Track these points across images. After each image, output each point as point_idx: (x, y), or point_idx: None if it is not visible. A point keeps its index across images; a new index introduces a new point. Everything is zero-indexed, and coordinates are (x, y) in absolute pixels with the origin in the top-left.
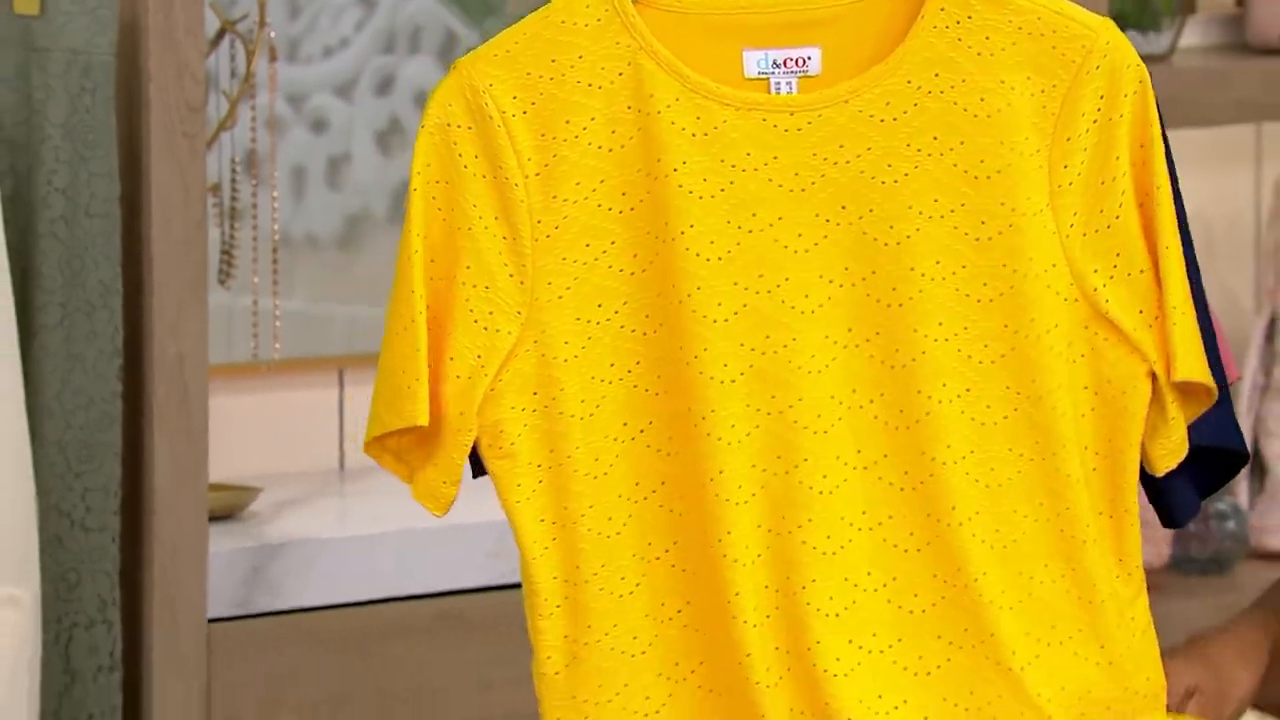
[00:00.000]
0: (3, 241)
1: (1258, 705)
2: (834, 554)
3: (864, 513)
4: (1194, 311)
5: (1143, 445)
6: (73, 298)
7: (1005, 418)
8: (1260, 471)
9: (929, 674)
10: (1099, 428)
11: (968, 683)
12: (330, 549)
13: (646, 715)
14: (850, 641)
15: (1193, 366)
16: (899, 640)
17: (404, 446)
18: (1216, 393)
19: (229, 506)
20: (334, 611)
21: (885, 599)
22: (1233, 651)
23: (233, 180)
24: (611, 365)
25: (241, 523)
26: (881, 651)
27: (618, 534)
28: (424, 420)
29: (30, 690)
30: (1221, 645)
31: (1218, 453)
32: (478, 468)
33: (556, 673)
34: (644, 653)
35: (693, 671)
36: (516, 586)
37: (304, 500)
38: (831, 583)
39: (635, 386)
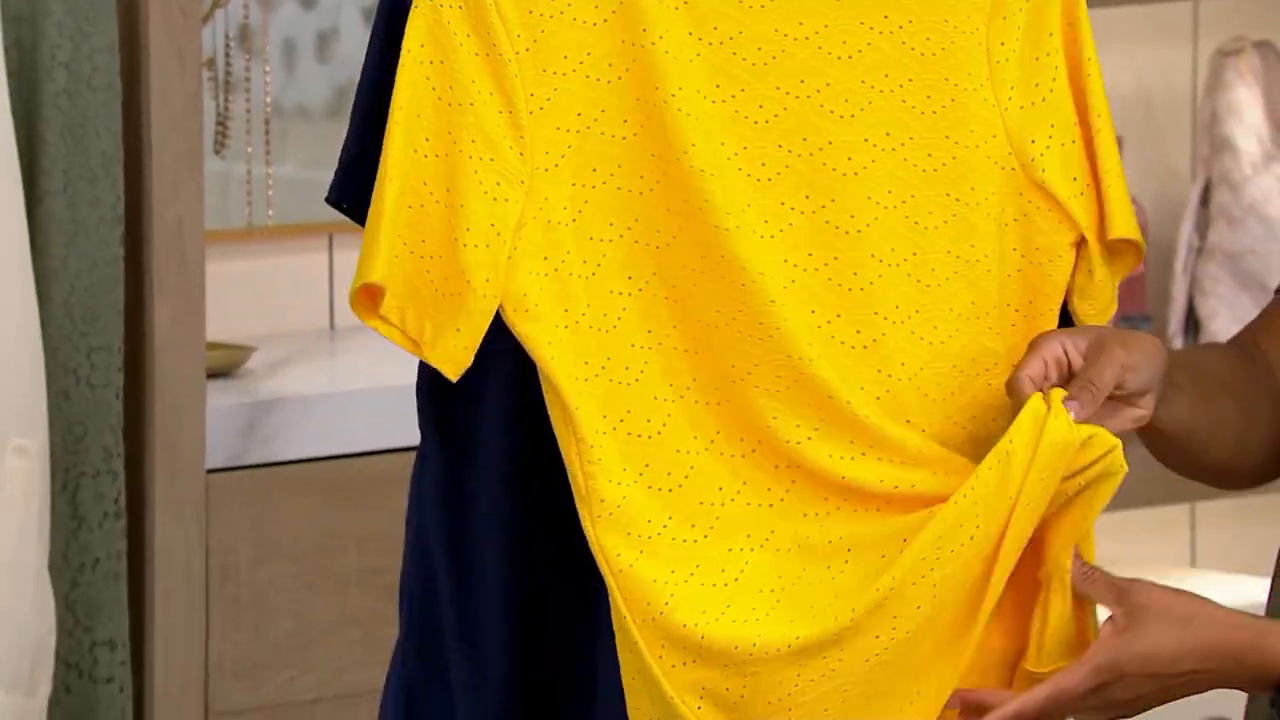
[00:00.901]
0: (9, 113)
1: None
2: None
3: (813, 311)
4: (1124, 177)
5: (1073, 306)
6: (75, 166)
7: (947, 280)
8: (1194, 328)
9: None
10: (1023, 289)
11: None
12: (321, 404)
13: (694, 542)
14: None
15: (1127, 225)
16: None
17: (423, 313)
18: (1144, 250)
19: (225, 364)
20: (325, 463)
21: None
22: (1145, 339)
23: (227, 54)
24: (611, 224)
25: (237, 380)
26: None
27: (637, 380)
28: (377, 278)
29: (40, 534)
30: (1129, 334)
31: None
32: None
33: (611, 514)
34: (681, 485)
35: (738, 492)
36: None
37: (296, 358)
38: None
39: (636, 242)
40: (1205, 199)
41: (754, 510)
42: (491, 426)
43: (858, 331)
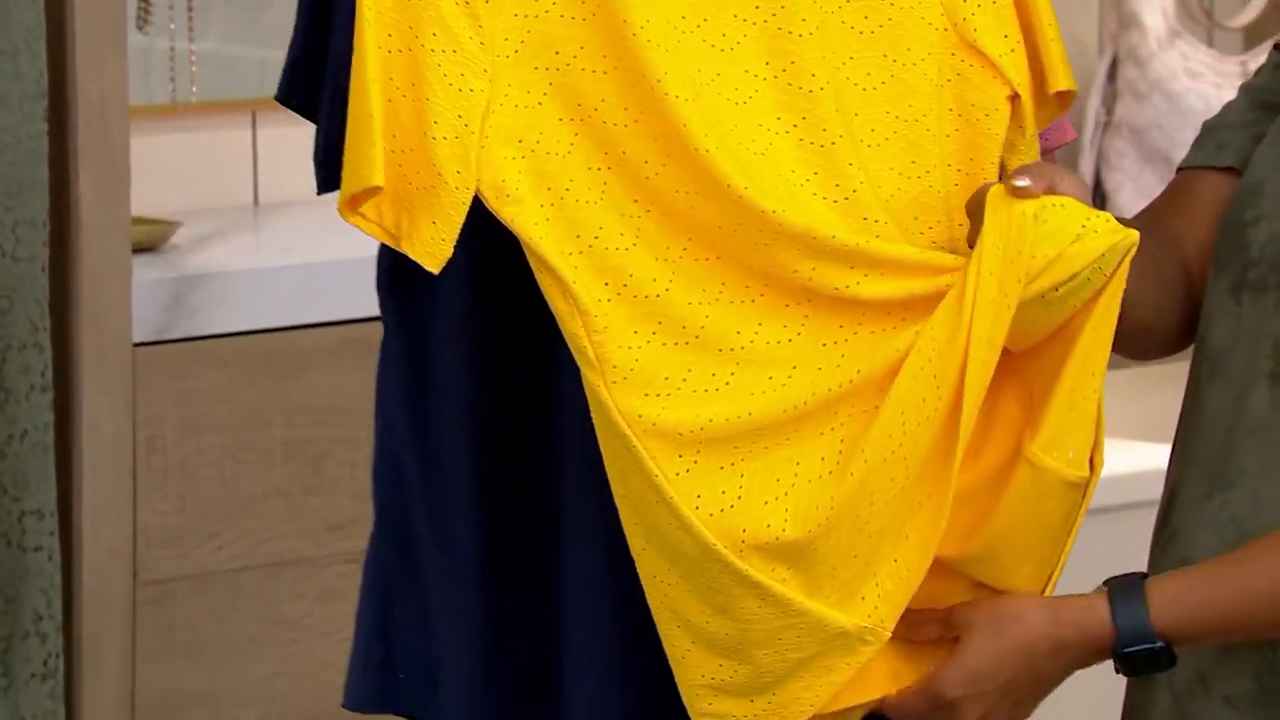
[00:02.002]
0: None
1: None
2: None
3: (794, 170)
4: (1059, 28)
5: (1001, 163)
6: None
7: (887, 140)
8: (1101, 201)
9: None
10: (962, 148)
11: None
12: (247, 279)
13: (717, 390)
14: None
15: (1067, 77)
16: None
17: (399, 207)
18: (1071, 100)
19: (151, 239)
20: (250, 337)
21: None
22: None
23: None
24: (578, 105)
25: (163, 254)
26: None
27: (634, 245)
28: (379, 181)
29: None
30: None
31: None
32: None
33: (625, 377)
34: (699, 336)
35: (756, 333)
36: None
37: (221, 233)
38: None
39: (604, 122)
40: (1112, 74)
41: (774, 348)
42: (452, 313)
43: (836, 185)
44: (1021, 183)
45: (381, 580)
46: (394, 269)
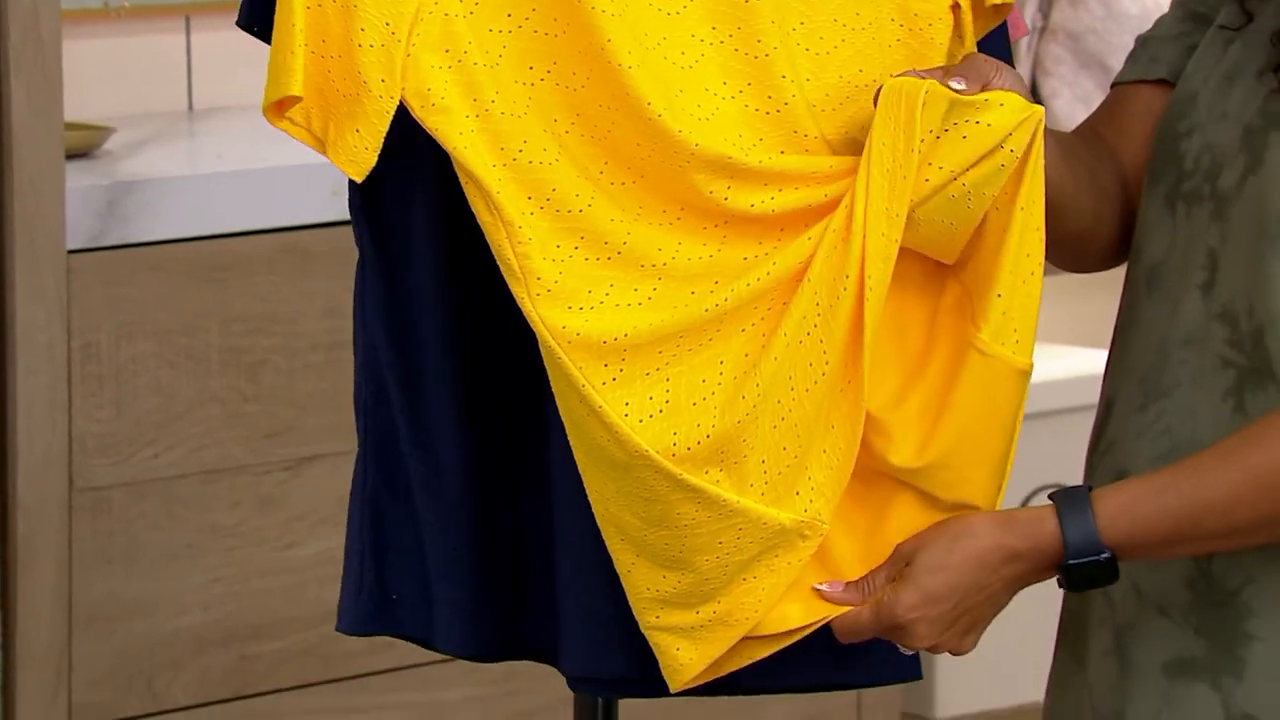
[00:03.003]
0: None
1: None
2: (708, 119)
3: (725, 83)
4: None
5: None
6: None
7: (836, 48)
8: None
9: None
10: (905, 59)
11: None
12: (181, 185)
13: (639, 304)
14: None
15: None
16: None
17: (327, 114)
18: (1006, 12)
19: (84, 145)
20: (185, 244)
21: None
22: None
23: None
24: (509, 16)
25: (96, 160)
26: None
27: (555, 162)
28: (297, 91)
29: None
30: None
31: None
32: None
33: (549, 290)
34: (620, 253)
35: (678, 249)
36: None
37: (155, 139)
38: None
39: (535, 32)
40: None
41: (695, 264)
42: (424, 228)
43: (769, 97)
44: (958, 85)
45: (371, 504)
46: (366, 191)
